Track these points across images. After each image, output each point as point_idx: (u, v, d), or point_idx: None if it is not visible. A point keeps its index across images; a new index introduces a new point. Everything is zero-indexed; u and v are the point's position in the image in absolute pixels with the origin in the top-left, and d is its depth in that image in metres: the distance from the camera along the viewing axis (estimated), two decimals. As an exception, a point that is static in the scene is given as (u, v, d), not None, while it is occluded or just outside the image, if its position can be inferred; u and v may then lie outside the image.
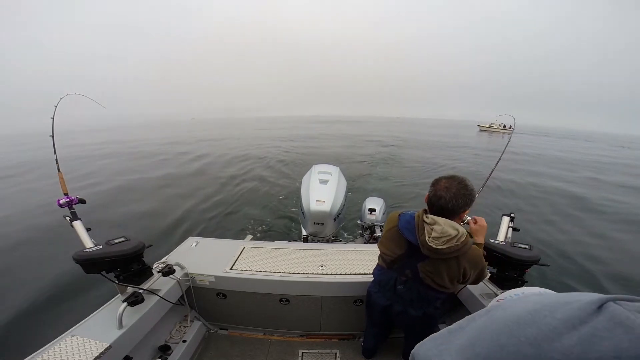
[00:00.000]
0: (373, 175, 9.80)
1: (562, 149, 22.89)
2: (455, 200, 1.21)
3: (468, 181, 1.24)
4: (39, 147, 19.74)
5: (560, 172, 11.31)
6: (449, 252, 1.19)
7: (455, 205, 1.21)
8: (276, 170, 10.38)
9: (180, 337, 1.88)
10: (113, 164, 12.31)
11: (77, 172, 10.42)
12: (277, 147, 16.75)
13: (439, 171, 10.07)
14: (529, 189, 8.34)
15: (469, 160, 13.57)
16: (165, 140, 21.40)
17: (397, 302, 1.46)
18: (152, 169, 10.94)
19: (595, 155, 19.24)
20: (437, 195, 1.24)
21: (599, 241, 5.08)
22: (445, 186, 1.24)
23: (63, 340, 1.32)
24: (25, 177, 10.23)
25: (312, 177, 3.08)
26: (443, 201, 1.22)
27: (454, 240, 1.18)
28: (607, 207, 6.95)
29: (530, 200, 7.40)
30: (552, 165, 12.85)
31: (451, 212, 1.23)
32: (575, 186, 8.99)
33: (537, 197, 7.67)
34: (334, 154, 14.30)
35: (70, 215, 1.81)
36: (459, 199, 1.21)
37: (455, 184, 1.23)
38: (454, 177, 1.26)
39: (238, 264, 1.98)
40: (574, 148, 24.46)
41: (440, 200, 1.23)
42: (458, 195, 1.21)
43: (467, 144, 21.33)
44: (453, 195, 1.21)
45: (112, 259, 1.48)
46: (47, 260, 4.39)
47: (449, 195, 1.21)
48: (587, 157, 18.10)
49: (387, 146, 17.86)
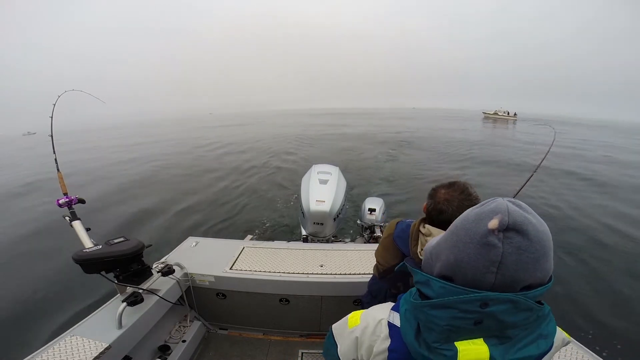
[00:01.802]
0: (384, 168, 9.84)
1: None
2: (459, 213, 1.05)
3: (470, 188, 1.08)
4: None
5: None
6: None
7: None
8: (281, 167, 10.40)
9: (180, 337, 1.88)
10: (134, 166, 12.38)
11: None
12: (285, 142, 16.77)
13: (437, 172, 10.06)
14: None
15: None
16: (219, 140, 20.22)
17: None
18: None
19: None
20: (437, 209, 1.07)
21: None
22: (445, 198, 1.06)
23: (62, 340, 1.32)
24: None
25: (311, 177, 3.08)
26: (445, 216, 1.05)
27: None
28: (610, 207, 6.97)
29: (525, 200, 7.39)
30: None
31: (447, 225, 1.09)
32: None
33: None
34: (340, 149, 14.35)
35: (69, 215, 1.81)
36: (463, 211, 1.05)
37: (457, 194, 1.06)
38: (454, 184, 1.09)
39: (238, 263, 1.98)
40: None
41: (442, 215, 1.06)
42: (462, 207, 1.01)
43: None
44: (456, 208, 1.03)
45: (112, 259, 1.48)
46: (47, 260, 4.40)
47: (451, 208, 1.04)
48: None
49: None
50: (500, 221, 0.46)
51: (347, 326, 0.70)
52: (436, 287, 0.52)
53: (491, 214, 0.47)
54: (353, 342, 0.65)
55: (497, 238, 0.45)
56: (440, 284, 0.51)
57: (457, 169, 10.05)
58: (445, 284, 0.50)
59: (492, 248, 0.46)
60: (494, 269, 0.46)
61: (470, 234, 0.49)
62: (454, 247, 0.51)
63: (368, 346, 0.61)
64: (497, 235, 0.46)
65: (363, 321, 0.66)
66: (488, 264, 0.46)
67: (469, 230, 0.50)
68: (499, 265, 0.45)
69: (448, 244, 0.54)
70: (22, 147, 27.30)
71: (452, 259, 0.51)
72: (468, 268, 0.48)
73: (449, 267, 0.52)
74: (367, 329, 0.63)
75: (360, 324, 0.66)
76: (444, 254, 0.53)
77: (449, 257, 0.52)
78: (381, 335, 0.60)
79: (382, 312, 0.64)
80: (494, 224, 0.46)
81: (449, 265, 0.52)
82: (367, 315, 0.67)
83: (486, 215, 0.48)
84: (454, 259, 0.51)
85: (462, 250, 0.49)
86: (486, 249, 0.46)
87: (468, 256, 0.48)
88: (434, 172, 9.62)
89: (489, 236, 0.46)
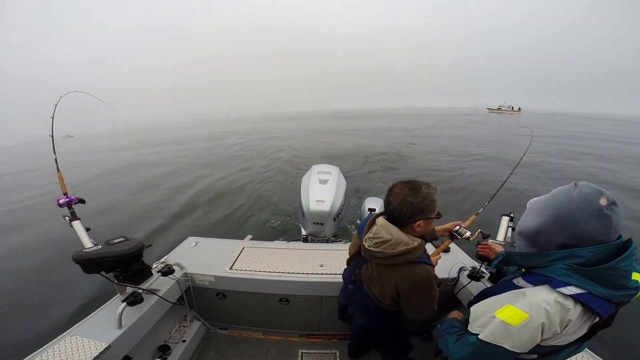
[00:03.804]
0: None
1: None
2: (400, 209, 1.09)
3: (425, 188, 1.09)
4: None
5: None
6: (382, 257, 1.10)
7: (401, 214, 1.09)
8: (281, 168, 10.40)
9: (180, 337, 1.88)
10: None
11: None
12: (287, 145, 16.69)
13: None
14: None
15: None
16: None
17: (350, 304, 1.45)
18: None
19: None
20: (387, 200, 1.15)
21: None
22: (395, 192, 1.12)
23: (62, 340, 1.32)
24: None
25: (311, 177, 3.09)
26: (390, 208, 1.12)
27: (386, 245, 1.08)
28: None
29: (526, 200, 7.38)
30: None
31: (398, 221, 1.12)
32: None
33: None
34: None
35: (69, 215, 1.81)
36: (405, 207, 1.08)
37: (406, 190, 1.09)
38: (410, 182, 1.12)
39: (238, 263, 1.98)
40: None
41: (389, 206, 1.13)
42: (404, 203, 1.08)
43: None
44: (399, 203, 1.09)
45: (112, 259, 1.47)
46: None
47: (395, 202, 1.10)
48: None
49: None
50: (608, 198, 0.70)
51: (510, 326, 0.74)
52: (588, 254, 0.71)
53: (597, 194, 0.70)
54: (535, 330, 0.72)
55: (609, 210, 0.69)
56: (594, 249, 0.70)
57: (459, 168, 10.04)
58: (597, 247, 0.70)
59: (608, 218, 0.69)
60: (612, 230, 0.70)
61: (588, 212, 0.70)
62: (575, 225, 0.72)
63: (560, 322, 0.71)
64: (608, 208, 0.69)
65: (534, 312, 0.72)
66: (609, 228, 0.70)
67: (584, 210, 0.70)
68: (614, 227, 0.70)
69: (563, 224, 0.74)
70: (86, 147, 27.07)
71: (579, 231, 0.72)
72: (596, 234, 0.70)
73: (574, 239, 0.73)
74: (551, 313, 0.71)
75: (533, 315, 0.72)
76: (563, 233, 0.74)
77: (575, 231, 0.72)
78: (570, 307, 0.71)
79: (541, 295, 0.74)
80: (604, 201, 0.69)
81: (574, 238, 0.73)
82: (531, 304, 0.74)
83: (593, 196, 0.71)
84: (580, 232, 0.71)
85: (586, 224, 0.70)
86: (605, 219, 0.69)
87: (592, 226, 0.70)
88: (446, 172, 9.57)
89: (604, 210, 0.69)
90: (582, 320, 0.72)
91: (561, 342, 0.74)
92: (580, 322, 0.72)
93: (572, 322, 0.71)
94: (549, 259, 0.76)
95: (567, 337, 0.74)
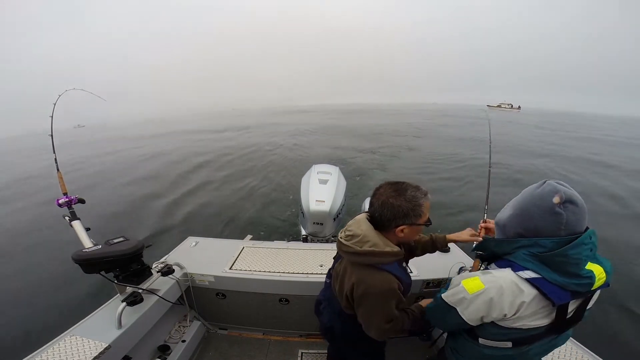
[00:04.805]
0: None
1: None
2: (381, 210, 1.02)
3: (412, 191, 1.01)
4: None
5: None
6: (348, 251, 1.05)
7: (382, 216, 1.02)
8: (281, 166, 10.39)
9: (180, 337, 1.88)
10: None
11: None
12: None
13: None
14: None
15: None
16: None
17: (324, 299, 1.36)
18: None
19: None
20: (370, 202, 1.09)
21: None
22: (379, 192, 1.06)
23: (62, 340, 1.32)
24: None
25: (311, 177, 3.08)
26: (372, 209, 1.07)
27: (354, 240, 1.03)
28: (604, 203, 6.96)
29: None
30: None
31: (379, 223, 1.05)
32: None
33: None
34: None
35: (69, 215, 1.81)
36: (385, 209, 1.01)
37: (390, 191, 1.03)
38: (397, 183, 1.05)
39: (237, 263, 1.98)
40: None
41: (371, 207, 1.07)
42: (385, 204, 1.01)
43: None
44: (380, 204, 1.02)
45: (112, 259, 1.47)
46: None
47: (377, 203, 1.04)
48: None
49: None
50: (561, 197, 0.73)
51: (466, 292, 0.83)
52: (550, 243, 0.76)
53: (552, 193, 0.74)
54: (485, 303, 0.79)
55: (561, 207, 0.74)
56: (556, 239, 0.75)
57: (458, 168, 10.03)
58: (560, 238, 0.75)
59: (559, 215, 0.74)
60: (563, 227, 0.75)
61: (542, 209, 0.76)
62: (530, 220, 0.78)
63: (511, 301, 0.77)
64: (560, 207, 0.74)
65: (490, 285, 0.79)
66: (559, 225, 0.75)
67: (539, 207, 0.76)
68: (565, 224, 0.74)
69: (522, 218, 0.81)
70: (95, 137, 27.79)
71: (533, 226, 0.78)
72: (547, 230, 0.76)
73: (530, 232, 0.79)
74: (504, 289, 0.77)
75: (487, 287, 0.79)
76: (520, 226, 0.82)
77: (529, 225, 0.79)
78: (524, 290, 0.76)
79: (503, 274, 0.80)
80: (557, 200, 0.73)
81: (530, 231, 0.79)
82: (490, 279, 0.81)
83: (547, 194, 0.75)
84: (534, 227, 0.78)
85: (539, 220, 0.77)
86: (555, 216, 0.74)
87: (545, 222, 0.76)
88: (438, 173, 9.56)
89: (555, 208, 0.74)
90: (538, 306, 0.77)
91: (521, 325, 0.79)
92: (535, 306, 0.77)
93: (526, 304, 0.76)
94: (515, 246, 0.83)
95: (525, 321, 0.79)
